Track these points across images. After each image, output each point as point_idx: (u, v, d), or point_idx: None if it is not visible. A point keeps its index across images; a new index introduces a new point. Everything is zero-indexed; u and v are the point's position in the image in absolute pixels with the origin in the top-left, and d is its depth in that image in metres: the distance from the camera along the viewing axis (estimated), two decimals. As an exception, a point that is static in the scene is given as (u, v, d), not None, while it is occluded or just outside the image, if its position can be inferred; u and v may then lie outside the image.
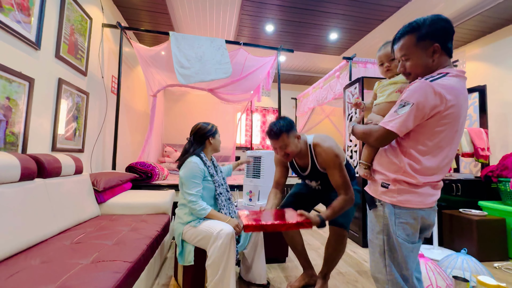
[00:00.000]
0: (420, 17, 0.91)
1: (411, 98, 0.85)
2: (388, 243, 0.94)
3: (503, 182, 2.41)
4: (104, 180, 2.03)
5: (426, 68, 0.91)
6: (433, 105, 0.83)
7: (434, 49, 0.88)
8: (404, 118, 0.85)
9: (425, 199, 0.91)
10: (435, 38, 0.87)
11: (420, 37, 0.89)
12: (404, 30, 0.93)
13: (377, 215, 0.98)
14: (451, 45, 0.89)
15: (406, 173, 0.90)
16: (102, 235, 1.44)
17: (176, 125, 4.69)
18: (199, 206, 1.45)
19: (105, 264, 1.08)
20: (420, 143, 0.89)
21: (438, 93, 0.82)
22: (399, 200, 0.92)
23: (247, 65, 3.04)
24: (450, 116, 0.84)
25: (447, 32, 0.88)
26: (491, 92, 3.05)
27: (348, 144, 2.83)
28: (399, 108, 0.87)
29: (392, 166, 0.94)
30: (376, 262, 0.97)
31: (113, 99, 2.77)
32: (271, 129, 1.35)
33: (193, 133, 1.65)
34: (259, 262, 1.60)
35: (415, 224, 0.92)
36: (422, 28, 0.88)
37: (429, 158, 0.88)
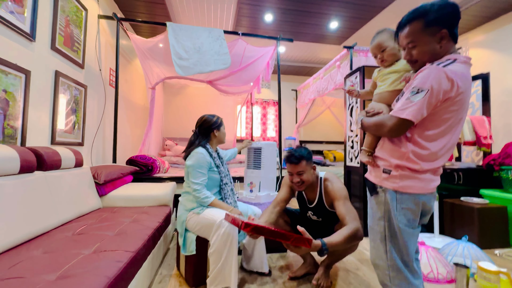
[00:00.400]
0: (426, 2, 0.88)
1: (425, 85, 0.82)
2: (389, 229, 0.94)
3: (505, 170, 2.40)
4: (105, 173, 2.04)
5: (433, 55, 0.89)
6: (445, 90, 0.81)
7: (442, 35, 0.86)
8: (419, 106, 0.82)
9: (426, 185, 0.90)
10: (443, 24, 0.85)
11: (428, 22, 0.86)
12: (411, 16, 0.90)
13: (378, 201, 0.97)
14: (457, 30, 0.88)
15: (409, 159, 0.90)
16: (104, 227, 1.45)
17: (176, 118, 4.67)
18: (203, 194, 1.49)
19: (107, 254, 1.09)
20: (426, 130, 0.88)
21: (451, 79, 0.80)
22: (401, 185, 0.91)
23: (246, 55, 3.00)
24: (458, 102, 0.84)
25: (455, 17, 0.86)
26: (494, 79, 3.00)
27: (349, 135, 2.81)
28: (412, 95, 0.84)
29: (396, 152, 0.93)
30: (377, 249, 0.98)
31: (112, 92, 2.75)
32: (292, 154, 1.42)
33: (199, 125, 1.67)
34: (259, 251, 1.61)
35: (416, 209, 0.92)
36: (430, 13, 0.86)
37: (433, 145, 0.88)
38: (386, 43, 1.09)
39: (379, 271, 0.98)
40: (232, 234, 1.34)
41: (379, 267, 0.98)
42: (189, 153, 1.58)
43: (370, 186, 1.02)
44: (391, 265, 0.93)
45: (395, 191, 0.92)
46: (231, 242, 1.34)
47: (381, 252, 0.96)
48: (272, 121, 5.42)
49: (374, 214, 0.99)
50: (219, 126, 1.69)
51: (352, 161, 2.74)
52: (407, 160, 0.90)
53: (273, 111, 5.42)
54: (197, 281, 1.50)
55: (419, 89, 0.83)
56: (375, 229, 0.98)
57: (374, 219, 0.99)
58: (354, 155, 2.68)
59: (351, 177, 2.76)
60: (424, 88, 0.82)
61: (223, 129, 1.72)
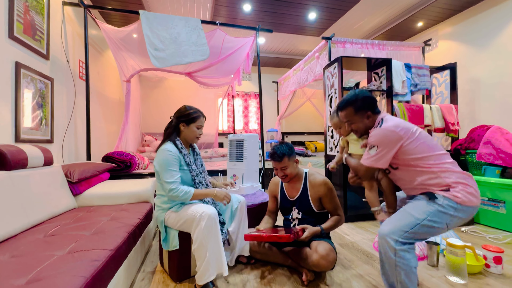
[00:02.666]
0: (352, 92, 1.30)
1: (375, 142, 1.19)
2: (429, 225, 1.08)
3: (470, 154, 2.59)
4: (78, 171, 1.93)
5: (366, 127, 1.29)
6: (396, 139, 1.15)
7: (368, 115, 1.28)
8: (376, 157, 1.19)
9: (478, 199, 1.11)
10: (367, 108, 1.27)
11: (356, 108, 1.27)
12: (344, 104, 1.31)
13: (433, 202, 1.11)
14: (376, 107, 1.29)
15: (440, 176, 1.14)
16: (79, 226, 1.38)
17: (154, 112, 4.50)
18: (181, 191, 1.37)
19: (83, 254, 1.04)
20: (422, 160, 1.15)
21: (393, 131, 1.15)
22: (463, 200, 1.08)
23: (225, 46, 2.94)
24: (410, 138, 1.15)
25: (373, 101, 1.28)
26: (460, 69, 3.19)
27: (329, 124, 2.87)
28: (369, 149, 1.23)
29: (434, 180, 1.15)
30: (398, 228, 1.10)
31: (82, 85, 2.58)
32: (274, 152, 1.55)
33: (175, 113, 1.56)
34: (242, 240, 1.62)
35: (468, 218, 1.12)
36: (357, 102, 1.27)
37: (432, 158, 1.15)
38: (342, 123, 1.46)
39: (384, 241, 1.11)
40: (213, 225, 1.32)
41: (387, 239, 1.10)
42: (158, 148, 1.46)
43: (430, 194, 1.15)
44: (401, 241, 1.08)
45: (456, 202, 1.09)
46: (215, 234, 1.32)
47: (402, 231, 1.09)
48: (254, 113, 5.40)
49: (421, 207, 1.12)
50: (189, 121, 1.50)
51: (332, 150, 2.81)
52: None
53: (255, 103, 5.40)
54: (181, 275, 1.48)
55: (372, 146, 1.21)
56: (413, 214, 1.12)
57: (418, 209, 1.12)
58: (334, 144, 2.76)
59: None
60: (375, 144, 1.20)
61: (193, 127, 1.51)
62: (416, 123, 2.78)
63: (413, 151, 1.15)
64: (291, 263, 1.58)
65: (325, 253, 1.36)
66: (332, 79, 2.79)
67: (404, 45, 3.35)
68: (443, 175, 1.11)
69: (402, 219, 1.13)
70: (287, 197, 1.69)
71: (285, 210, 1.72)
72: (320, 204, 1.60)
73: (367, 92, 1.28)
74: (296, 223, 1.66)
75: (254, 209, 1.99)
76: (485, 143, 2.43)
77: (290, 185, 1.67)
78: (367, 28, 3.94)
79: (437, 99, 3.34)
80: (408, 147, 1.15)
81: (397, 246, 1.07)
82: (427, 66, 3.06)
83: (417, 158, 1.16)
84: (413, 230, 1.09)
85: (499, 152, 2.33)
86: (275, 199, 1.79)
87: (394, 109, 2.74)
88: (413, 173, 1.19)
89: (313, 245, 1.44)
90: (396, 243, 1.07)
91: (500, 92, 2.91)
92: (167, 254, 1.52)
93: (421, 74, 3.01)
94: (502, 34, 2.90)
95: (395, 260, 1.07)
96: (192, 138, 1.54)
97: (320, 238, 1.52)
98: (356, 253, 1.84)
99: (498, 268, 1.50)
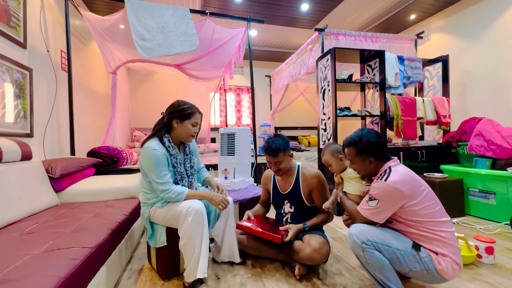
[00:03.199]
0: (359, 132, 1.19)
1: (376, 195, 1.08)
2: (398, 256, 1.06)
3: (461, 146, 2.60)
4: (60, 166, 1.84)
5: (366, 171, 1.20)
6: (399, 197, 1.05)
7: (370, 160, 1.16)
8: (374, 211, 1.10)
9: (454, 276, 1.06)
10: (369, 153, 1.16)
11: (358, 151, 1.17)
12: (347, 142, 1.22)
13: (415, 250, 1.08)
14: (384, 154, 1.16)
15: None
16: (60, 224, 1.31)
17: (144, 107, 4.38)
18: (173, 192, 1.30)
19: (60, 252, 0.97)
20: (421, 223, 1.07)
21: (397, 188, 1.04)
22: (443, 270, 1.03)
23: (215, 37, 2.84)
24: (414, 199, 1.05)
25: (377, 148, 1.15)
26: (452, 62, 3.20)
27: (321, 118, 2.84)
28: (370, 200, 1.12)
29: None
30: (370, 235, 1.10)
31: (64, 77, 2.46)
32: (269, 147, 1.48)
33: (167, 108, 1.43)
34: (229, 240, 1.53)
35: (429, 282, 1.11)
36: (360, 145, 1.17)
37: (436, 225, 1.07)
38: (330, 161, 1.43)
39: (355, 242, 1.11)
40: (201, 220, 1.26)
41: (356, 237, 1.11)
42: (143, 143, 1.36)
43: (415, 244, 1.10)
44: (368, 244, 1.09)
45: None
46: (202, 230, 1.26)
47: (373, 238, 1.09)
48: (247, 108, 5.33)
49: (403, 241, 1.09)
50: (183, 117, 1.36)
51: (325, 143, 2.78)
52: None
53: (248, 97, 5.32)
54: (169, 273, 1.42)
55: (372, 197, 1.11)
56: (392, 238, 1.10)
57: (399, 241, 1.09)
58: (327, 137, 2.72)
59: (325, 159, 2.81)
60: (376, 198, 1.09)
61: (188, 124, 1.37)
62: (409, 116, 2.77)
63: (414, 214, 1.06)
64: (283, 257, 1.54)
65: (318, 246, 1.32)
66: (325, 71, 2.75)
67: (397, 38, 3.33)
68: (437, 243, 1.04)
69: (378, 232, 1.11)
70: (279, 191, 1.65)
71: (277, 203, 1.68)
72: (312, 198, 1.57)
73: (373, 136, 1.15)
74: (289, 217, 1.62)
75: (246, 203, 1.94)
76: (476, 135, 2.44)
77: (283, 178, 1.63)
78: (360, 21, 3.90)
79: (429, 92, 3.34)
80: (410, 208, 1.06)
81: (363, 244, 1.09)
82: (419, 59, 3.05)
83: (416, 221, 1.07)
84: (381, 245, 1.07)
85: (490, 144, 2.34)
86: (267, 192, 1.76)
87: (387, 101, 2.72)
88: (406, 231, 1.12)
89: (306, 239, 1.40)
90: (362, 242, 1.09)
91: (491, 84, 2.93)
92: (155, 251, 1.46)
93: (414, 66, 3.00)
94: (493, 27, 2.90)
95: (364, 257, 1.09)
96: (186, 137, 1.40)
97: (313, 231, 1.49)
98: (349, 246, 1.81)
99: (490, 258, 1.50)
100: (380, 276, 1.07)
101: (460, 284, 1.31)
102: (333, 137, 2.58)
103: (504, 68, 2.79)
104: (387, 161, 1.16)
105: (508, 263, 1.51)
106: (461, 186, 2.44)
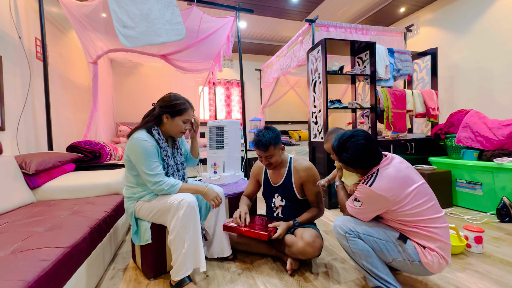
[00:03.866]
0: (342, 142, 1.11)
1: (360, 198, 1.08)
2: (380, 246, 1.07)
3: (449, 138, 2.63)
4: (36, 161, 1.71)
5: (359, 173, 1.17)
6: (382, 205, 1.03)
7: (358, 170, 1.14)
8: (358, 210, 1.11)
9: (440, 271, 1.05)
10: (354, 167, 1.12)
11: (345, 161, 1.11)
12: (333, 147, 1.16)
13: (400, 241, 1.07)
14: (372, 164, 1.10)
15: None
16: (32, 222, 1.20)
17: (129, 101, 4.21)
18: (167, 185, 1.24)
19: (29, 253, 0.88)
20: (410, 222, 1.04)
21: (381, 195, 1.00)
22: (428, 263, 1.02)
23: (203, 26, 2.73)
24: (400, 203, 1.01)
25: (365, 160, 1.09)
26: (440, 55, 3.22)
27: (312, 111, 2.80)
28: (355, 201, 1.12)
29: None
30: (352, 224, 1.12)
31: (39, 66, 2.29)
32: (259, 140, 1.42)
33: (158, 100, 1.34)
34: (219, 235, 1.47)
35: (410, 273, 1.11)
36: (342, 158, 1.12)
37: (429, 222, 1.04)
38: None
39: (338, 232, 1.13)
40: (192, 214, 1.19)
41: (339, 228, 1.13)
42: (129, 135, 1.27)
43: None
44: (350, 234, 1.11)
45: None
46: (194, 225, 1.20)
47: (355, 228, 1.11)
48: (237, 102, 5.23)
49: (388, 231, 1.09)
50: (175, 113, 1.29)
51: (316, 137, 2.75)
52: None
53: (237, 92, 5.22)
54: (156, 271, 1.35)
55: (356, 199, 1.11)
56: (374, 228, 1.10)
57: (385, 231, 1.09)
58: (318, 130, 2.69)
59: (316, 155, 2.78)
60: (360, 200, 1.09)
61: (179, 120, 1.31)
62: (399, 108, 2.78)
63: (402, 214, 1.03)
64: (275, 253, 1.49)
65: (311, 240, 1.28)
66: (316, 63, 2.70)
67: (387, 31, 3.31)
68: (426, 238, 1.02)
69: (360, 222, 1.12)
70: (270, 183, 1.60)
71: (267, 196, 1.62)
72: (303, 191, 1.52)
73: (361, 143, 1.05)
74: (280, 211, 1.57)
75: (235, 198, 1.88)
76: (463, 127, 2.47)
77: (274, 171, 1.58)
78: (350, 14, 3.87)
79: (418, 84, 3.37)
80: (398, 210, 1.03)
81: (346, 234, 1.09)
82: (409, 52, 3.06)
83: (404, 220, 1.04)
84: (362, 235, 1.08)
85: (477, 135, 2.37)
86: (256, 183, 1.70)
87: (377, 94, 2.71)
88: (395, 226, 1.10)
89: (298, 232, 1.36)
90: (345, 232, 1.10)
91: (477, 77, 2.97)
92: (139, 249, 1.38)
93: (404, 59, 3.00)
94: (479, 21, 2.93)
95: (349, 246, 1.09)
96: (175, 133, 1.34)
97: (305, 225, 1.45)
98: (341, 239, 1.80)
99: (478, 247, 1.51)
100: (367, 265, 1.07)
101: (451, 274, 1.30)
102: (324, 130, 2.55)
103: (489, 61, 2.84)
104: (376, 165, 1.09)
105: (496, 252, 1.52)
106: (449, 178, 2.47)
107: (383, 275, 1.05)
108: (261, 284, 1.26)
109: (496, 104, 2.78)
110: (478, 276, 1.28)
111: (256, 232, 1.34)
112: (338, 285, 1.23)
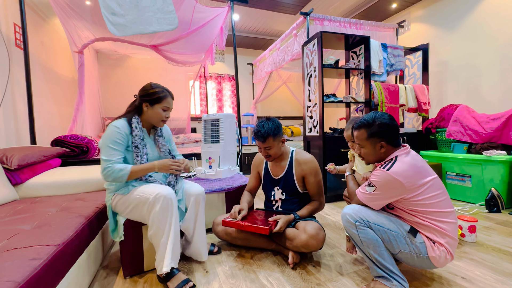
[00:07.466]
0: (372, 114, 1.12)
1: (375, 182, 1.06)
2: (389, 237, 1.06)
3: (440, 132, 2.69)
4: (18, 156, 1.59)
5: (376, 157, 1.14)
6: (397, 188, 1.02)
7: (382, 145, 1.10)
8: (370, 196, 1.09)
9: (444, 264, 1.06)
10: (381, 136, 1.09)
11: (370, 134, 1.10)
12: (359, 124, 1.14)
13: (410, 235, 1.06)
14: (396, 139, 1.10)
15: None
16: (17, 220, 1.12)
17: (116, 95, 4.02)
18: (115, 168, 1.16)
19: (17, 252, 0.81)
20: (422, 213, 1.04)
21: (398, 180, 1.00)
22: (435, 258, 1.03)
23: (196, 16, 2.63)
24: (416, 191, 1.01)
25: (392, 130, 1.09)
26: (431, 51, 3.29)
27: (307, 105, 2.78)
28: (368, 186, 1.10)
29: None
30: (363, 214, 1.09)
31: (20, 55, 2.13)
32: (259, 131, 1.40)
33: (139, 90, 1.34)
34: (198, 238, 1.36)
35: (414, 265, 1.11)
36: (372, 127, 1.10)
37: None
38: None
39: (348, 220, 1.11)
40: (170, 207, 1.16)
41: (349, 216, 1.11)
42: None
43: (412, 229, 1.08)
44: (360, 222, 1.08)
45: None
46: (172, 217, 1.16)
47: (366, 217, 1.09)
48: (229, 97, 5.15)
49: (399, 223, 1.08)
50: (153, 101, 1.28)
51: (311, 131, 2.74)
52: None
53: (229, 86, 5.14)
54: (132, 270, 1.27)
55: (370, 183, 1.09)
56: (385, 218, 1.09)
57: (394, 223, 1.08)
58: (313, 125, 2.68)
59: (311, 149, 2.78)
60: (374, 185, 1.07)
61: (158, 108, 1.29)
62: (393, 103, 2.81)
63: (415, 204, 1.03)
64: (275, 246, 1.47)
65: (315, 232, 1.26)
66: (311, 57, 2.68)
67: (380, 26, 3.34)
68: (436, 233, 1.03)
69: (371, 212, 1.10)
70: (270, 176, 1.57)
71: (267, 189, 1.59)
72: (304, 185, 1.50)
73: (387, 118, 1.09)
74: (279, 205, 1.55)
75: (232, 192, 1.85)
76: (454, 121, 2.54)
77: (275, 163, 1.55)
78: (343, 8, 3.87)
79: (409, 80, 3.43)
80: (412, 199, 1.03)
81: (357, 222, 1.08)
82: (401, 47, 3.10)
83: (417, 211, 1.05)
84: (373, 224, 1.07)
85: (466, 129, 2.44)
86: (258, 176, 1.67)
87: (372, 88, 2.73)
88: (406, 218, 1.10)
89: (300, 225, 1.34)
90: (355, 221, 1.09)
91: (465, 73, 3.05)
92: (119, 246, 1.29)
93: (396, 54, 3.03)
94: (468, 17, 3.00)
95: (358, 235, 1.08)
96: (156, 121, 1.32)
97: (306, 218, 1.43)
98: (338, 231, 1.80)
99: (472, 236, 1.55)
100: (374, 255, 1.06)
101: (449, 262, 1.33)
102: (319, 124, 2.54)
103: (477, 57, 2.92)
104: (397, 148, 1.11)
105: (488, 240, 1.57)
106: (440, 171, 2.54)
107: (388, 264, 1.05)
108: (263, 279, 1.23)
109: (483, 100, 2.87)
110: (474, 263, 1.31)
111: (257, 227, 1.31)
112: (341, 277, 1.23)
